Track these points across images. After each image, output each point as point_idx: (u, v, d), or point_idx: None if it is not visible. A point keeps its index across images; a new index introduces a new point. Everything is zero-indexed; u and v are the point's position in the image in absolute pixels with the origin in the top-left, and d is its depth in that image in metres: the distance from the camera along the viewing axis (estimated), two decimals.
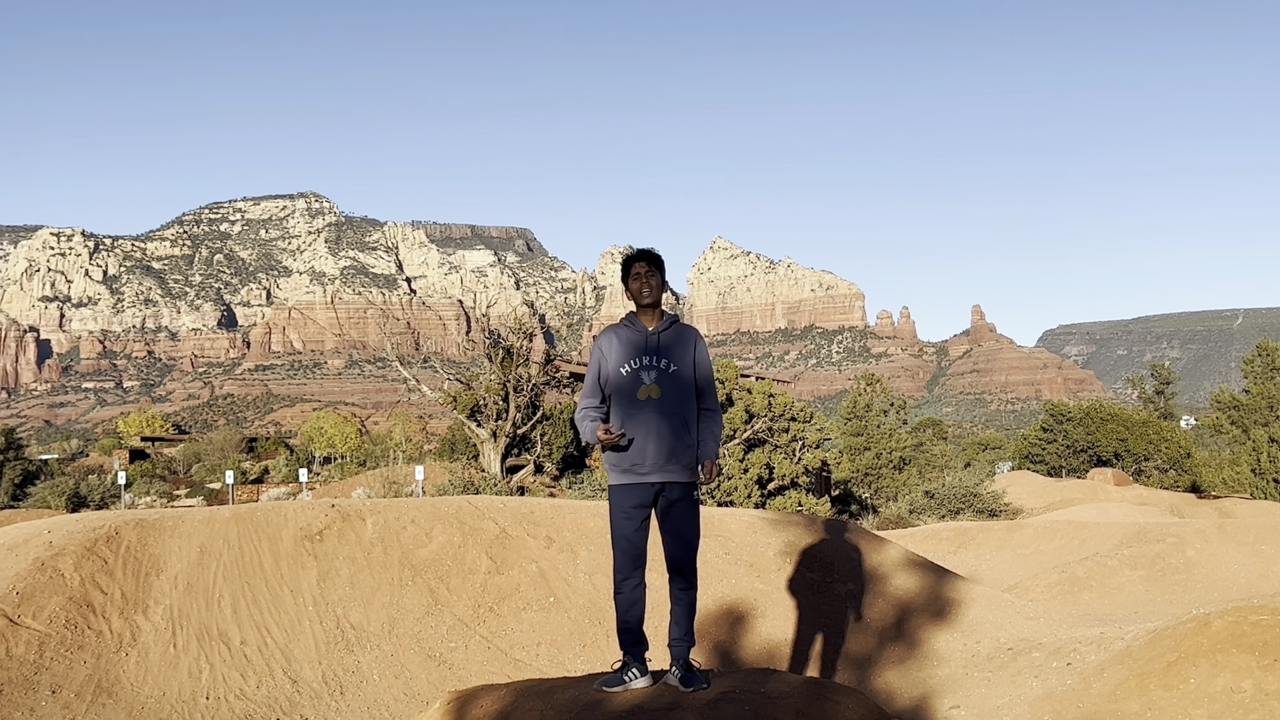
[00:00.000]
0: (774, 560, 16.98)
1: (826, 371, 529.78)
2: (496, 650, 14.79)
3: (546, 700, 8.11)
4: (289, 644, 14.39)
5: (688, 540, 8.42)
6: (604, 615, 15.27)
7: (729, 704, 7.62)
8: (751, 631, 15.27)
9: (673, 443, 8.29)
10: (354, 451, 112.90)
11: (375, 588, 15.75)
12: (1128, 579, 24.57)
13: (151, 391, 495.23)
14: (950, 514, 47.69)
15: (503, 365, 55.40)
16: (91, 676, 12.96)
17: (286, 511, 17.39)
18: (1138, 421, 79.15)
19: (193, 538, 16.16)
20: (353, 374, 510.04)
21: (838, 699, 7.78)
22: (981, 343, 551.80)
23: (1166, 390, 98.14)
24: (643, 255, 8.62)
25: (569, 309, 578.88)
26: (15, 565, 14.52)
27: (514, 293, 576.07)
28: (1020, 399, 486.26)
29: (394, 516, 17.38)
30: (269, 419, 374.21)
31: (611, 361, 8.46)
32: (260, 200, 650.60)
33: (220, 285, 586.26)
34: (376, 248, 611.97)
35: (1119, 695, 11.83)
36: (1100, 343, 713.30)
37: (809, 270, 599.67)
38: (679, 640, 8.39)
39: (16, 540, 15.33)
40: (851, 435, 65.98)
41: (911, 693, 13.86)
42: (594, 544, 16.95)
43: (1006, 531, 33.25)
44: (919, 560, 17.76)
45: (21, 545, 15.10)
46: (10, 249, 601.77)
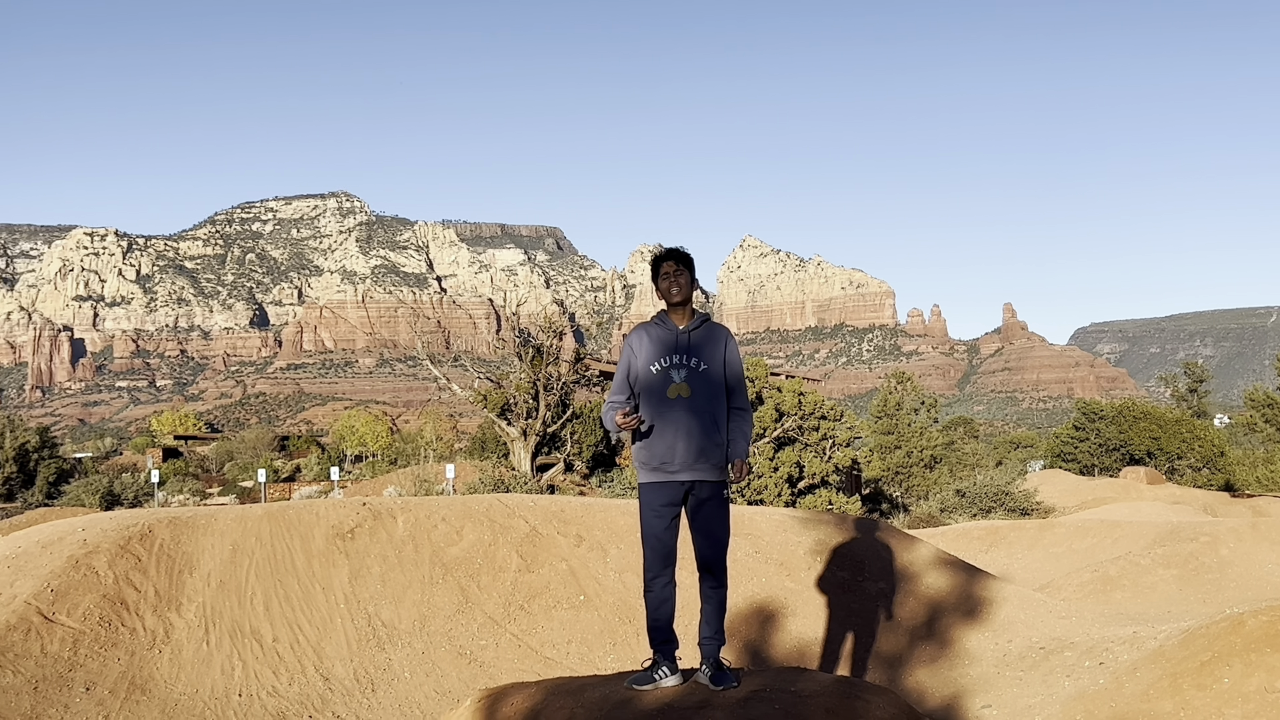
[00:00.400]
0: (804, 559, 16.96)
1: (857, 370, 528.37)
2: (527, 648, 14.82)
3: (577, 698, 8.12)
4: (321, 641, 14.45)
5: (718, 539, 8.42)
6: (634, 613, 15.28)
7: (759, 702, 7.61)
8: (782, 630, 15.25)
9: (702, 441, 8.28)
10: (385, 450, 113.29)
11: (406, 585, 15.80)
12: (1160, 578, 24.42)
13: (184, 390, 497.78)
14: (981, 513, 47.47)
15: (533, 364, 55.52)
16: (125, 674, 13.04)
17: (318, 509, 17.46)
18: (1171, 420, 78.59)
19: (225, 535, 16.24)
20: (384, 373, 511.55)
21: (869, 698, 7.76)
22: (1013, 341, 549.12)
23: (1200, 388, 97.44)
24: (672, 254, 8.63)
25: (598, 308, 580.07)
26: (50, 563, 14.62)
27: (544, 291, 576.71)
28: (1052, 397, 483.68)
29: (425, 515, 17.43)
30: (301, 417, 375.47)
31: (641, 360, 8.47)
32: (292, 200, 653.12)
33: (252, 284, 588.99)
34: (407, 247, 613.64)
35: (1152, 695, 11.77)
36: (1133, 341, 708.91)
37: (839, 268, 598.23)
38: (709, 639, 8.39)
39: (51, 538, 15.44)
40: (882, 434, 65.79)
41: (943, 692, 13.82)
42: (624, 542, 16.96)
43: (1038, 530, 33.09)
44: (950, 559, 17.70)
45: (56, 543, 15.21)
46: (44, 249, 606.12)
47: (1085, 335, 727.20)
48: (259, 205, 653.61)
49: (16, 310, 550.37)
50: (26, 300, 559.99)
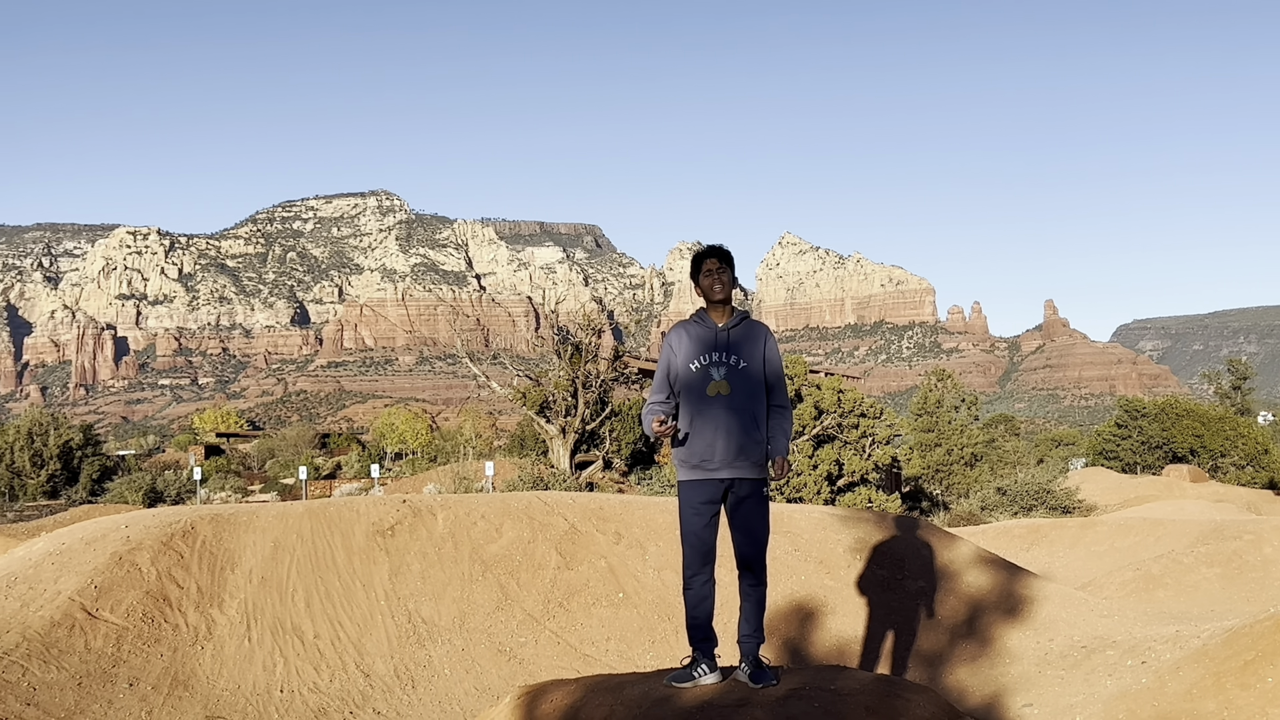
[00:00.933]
0: (844, 557, 16.91)
1: (896, 367, 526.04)
2: (566, 645, 14.85)
3: (616, 695, 8.13)
4: (361, 638, 14.52)
5: (757, 537, 8.41)
6: (673, 611, 15.28)
7: (799, 700, 7.59)
8: (821, 628, 15.22)
9: (742, 439, 8.28)
10: (425, 447, 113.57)
11: (446, 583, 15.85)
12: (1204, 576, 24.21)
13: (226, 388, 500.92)
14: (1022, 511, 47.22)
15: (571, 361, 55.59)
16: (168, 669, 13.14)
17: (359, 507, 17.55)
18: (1214, 417, 77.90)
19: (267, 532, 16.34)
20: (423, 370, 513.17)
21: (909, 696, 7.73)
22: (1054, 338, 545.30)
23: (1243, 385, 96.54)
24: (714, 252, 8.61)
25: (637, 305, 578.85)
26: (93, 559, 14.75)
27: (582, 289, 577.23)
28: (1094, 395, 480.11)
29: (464, 512, 17.49)
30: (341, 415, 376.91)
31: (681, 357, 8.47)
32: (332, 198, 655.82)
33: (293, 283, 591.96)
34: (446, 245, 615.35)
35: (1195, 694, 11.67)
36: (1175, 338, 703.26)
37: (879, 265, 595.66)
38: (748, 636, 8.38)
39: (95, 535, 15.58)
40: (922, 431, 65.56)
41: (983, 690, 13.76)
42: (662, 540, 16.96)
43: (1080, 529, 32.88)
44: (991, 557, 17.61)
45: (99, 540, 15.34)
46: (88, 248, 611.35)
47: (1127, 332, 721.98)
48: (299, 204, 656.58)
49: (60, 309, 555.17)
50: (70, 299, 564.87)
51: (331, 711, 12.87)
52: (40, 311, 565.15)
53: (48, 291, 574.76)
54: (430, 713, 13.16)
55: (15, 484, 70.91)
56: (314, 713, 12.81)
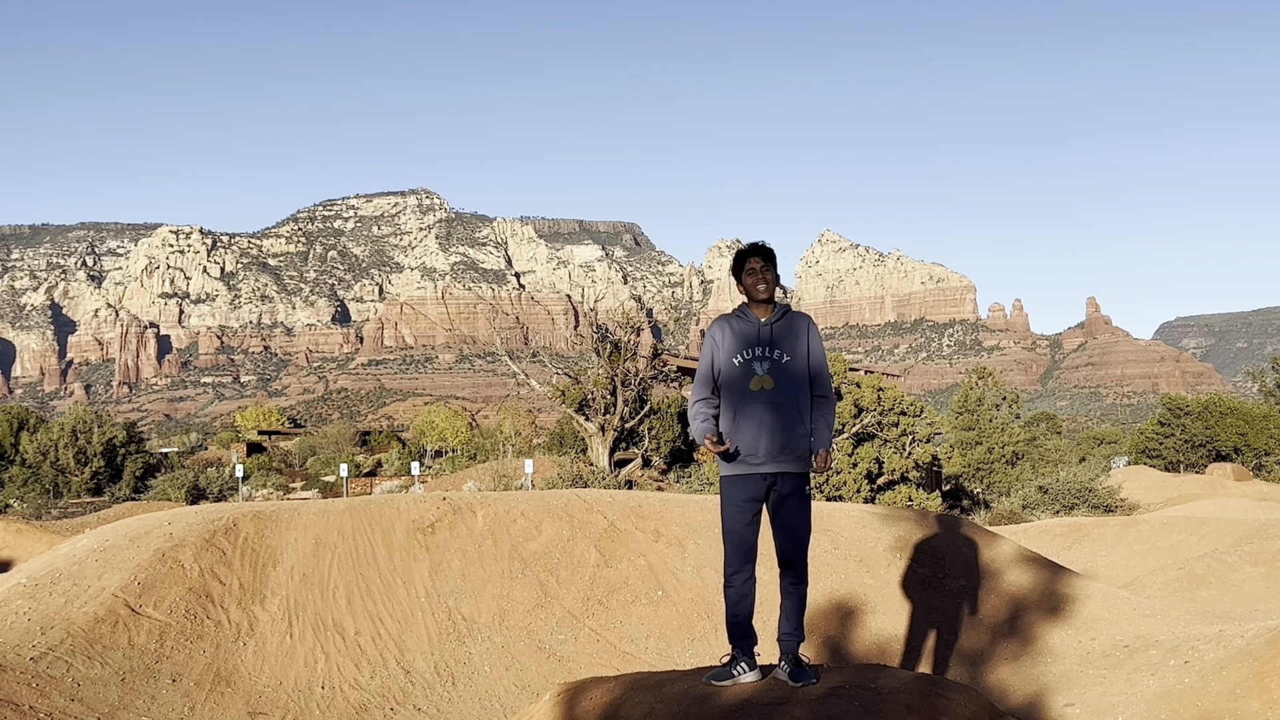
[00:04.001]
0: (884, 555, 16.86)
1: (937, 365, 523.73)
2: (605, 643, 14.86)
3: (656, 693, 8.13)
4: (402, 635, 14.58)
5: (799, 534, 8.39)
6: (712, 609, 15.27)
7: (839, 699, 7.57)
8: (861, 627, 15.18)
9: (786, 433, 8.25)
10: (464, 445, 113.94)
11: (486, 580, 15.90)
12: (1248, 576, 23.99)
13: (268, 386, 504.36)
14: (1064, 509, 46.91)
15: (610, 359, 55.64)
16: (210, 665, 13.23)
17: (399, 504, 17.62)
18: (1259, 415, 77.18)
19: (308, 530, 16.44)
20: (463, 368, 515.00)
21: (950, 695, 7.70)
22: (1096, 335, 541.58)
23: None
24: (757, 250, 8.57)
25: (676, 303, 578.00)
26: (137, 556, 14.87)
27: (621, 287, 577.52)
28: (1136, 393, 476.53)
29: (504, 510, 17.54)
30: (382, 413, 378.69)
31: (724, 353, 8.45)
32: (372, 197, 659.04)
33: (334, 281, 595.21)
34: (486, 243, 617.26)
35: (1239, 694, 11.57)
36: (1219, 335, 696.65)
37: (919, 263, 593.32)
38: (788, 635, 8.36)
39: (138, 532, 15.71)
40: (963, 429, 65.25)
41: (1025, 690, 13.69)
42: (702, 538, 16.95)
43: (1122, 527, 32.67)
44: (1032, 556, 17.51)
45: (143, 537, 15.47)
46: (131, 247, 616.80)
47: (1170, 329, 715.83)
48: (340, 203, 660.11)
49: (104, 307, 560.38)
50: (114, 297, 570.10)
51: (372, 708, 12.93)
52: (84, 310, 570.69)
53: (91, 290, 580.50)
54: (470, 710, 13.20)
55: (60, 481, 71.56)
56: (355, 709, 12.87)
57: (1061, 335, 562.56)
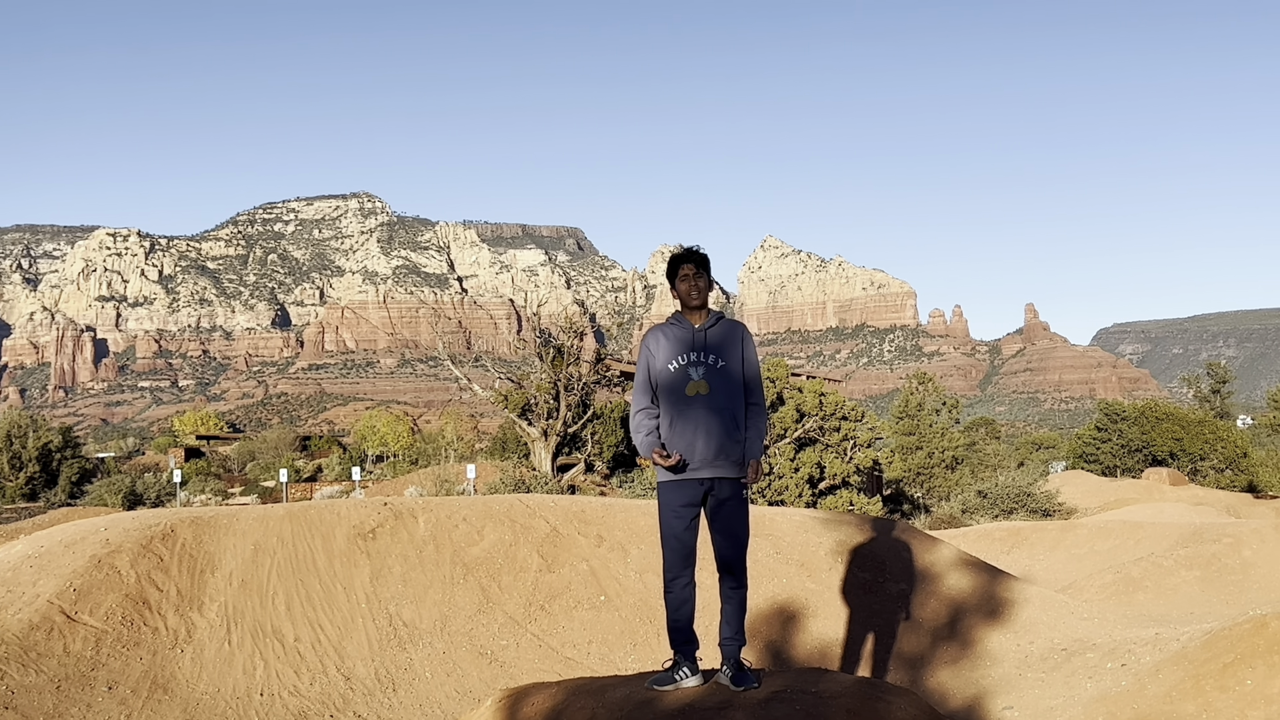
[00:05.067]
0: (825, 559, 16.94)
1: (878, 370, 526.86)
2: (548, 648, 14.83)
3: (598, 698, 8.12)
4: (342, 641, 14.49)
5: (738, 538, 8.39)
6: (654, 614, 15.28)
7: (780, 703, 7.59)
8: (803, 631, 15.24)
9: (722, 439, 8.26)
10: (406, 450, 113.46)
11: (427, 585, 15.83)
12: (1183, 579, 24.33)
13: (206, 390, 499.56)
14: (1003, 514, 47.36)
15: (553, 364, 55.54)
16: (147, 673, 13.09)
17: (340, 509, 17.51)
18: (1193, 421, 78.30)
19: (247, 535, 16.29)
20: (405, 373, 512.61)
21: (890, 699, 7.74)
22: (1035, 341, 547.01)
23: (1222, 389, 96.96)
24: (689, 256, 8.54)
25: (619, 308, 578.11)
26: (73, 562, 14.69)
27: (565, 292, 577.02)
28: (1074, 398, 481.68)
29: (446, 515, 17.47)
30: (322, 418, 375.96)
31: (660, 359, 8.43)
32: (313, 200, 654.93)
33: (274, 285, 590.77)
34: (428, 247, 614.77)
35: (1174, 696, 11.72)
36: (1155, 341, 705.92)
37: (860, 269, 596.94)
38: (730, 639, 8.36)
39: (74, 538, 15.51)
40: (903, 434, 65.70)
41: (965, 693, 13.79)
42: (644, 543, 16.96)
43: (1060, 531, 33.01)
44: (972, 560, 17.65)
45: (79, 543, 15.28)
46: (67, 249, 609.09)
47: (1107, 336, 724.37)
48: (281, 206, 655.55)
49: (40, 310, 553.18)
50: (50, 301, 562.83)
51: (312, 715, 12.83)
52: (19, 313, 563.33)
53: (27, 293, 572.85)
54: (411, 716, 13.13)
55: None
56: (294, 716, 12.77)
57: (1000, 341, 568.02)
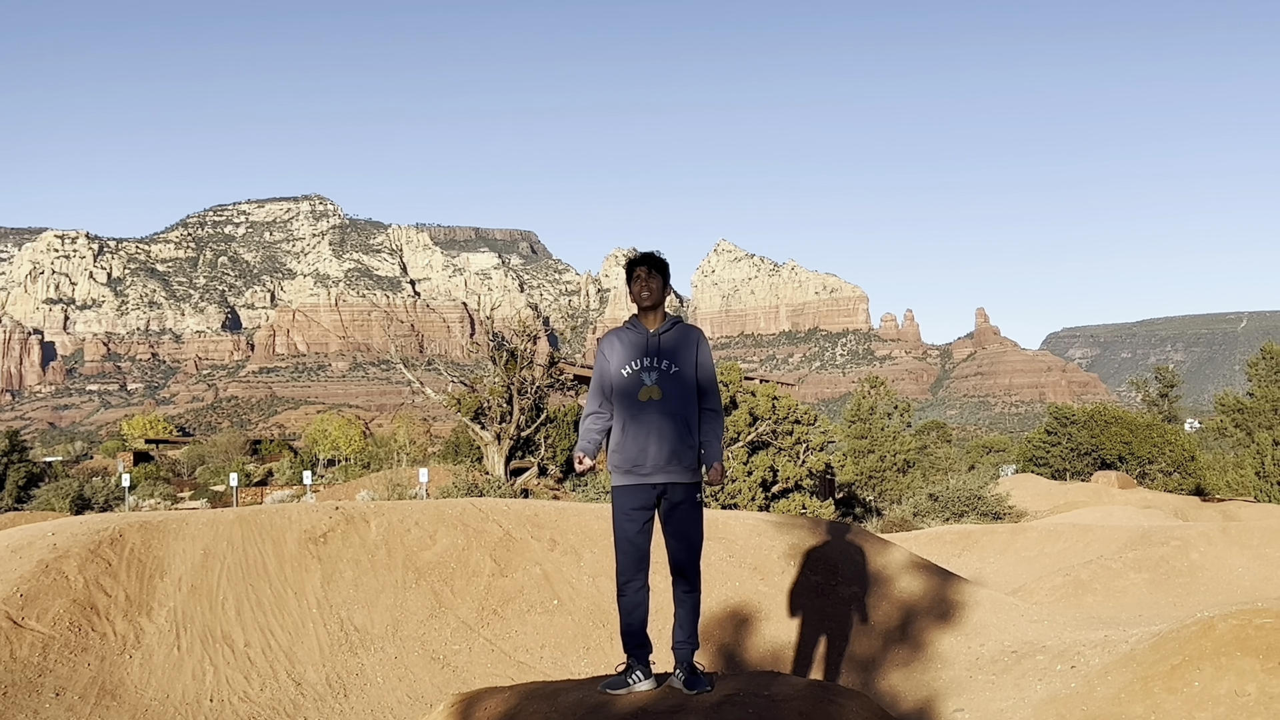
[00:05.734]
0: (778, 563, 16.98)
1: (830, 374, 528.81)
2: (500, 653, 14.79)
3: (551, 703, 8.10)
4: (293, 646, 14.39)
5: (691, 542, 8.41)
6: (608, 618, 15.27)
7: (733, 706, 7.60)
8: (755, 634, 15.27)
9: (675, 444, 8.27)
10: (358, 454, 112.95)
11: (379, 590, 15.75)
12: (1132, 582, 24.55)
13: (155, 394, 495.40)
14: (954, 517, 47.63)
15: (507, 368, 55.41)
16: (95, 679, 12.96)
17: (290, 514, 17.39)
18: (1142, 424, 79.01)
19: (197, 540, 16.16)
20: (357, 376, 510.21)
21: (842, 702, 7.77)
22: (985, 345, 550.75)
23: (1171, 393, 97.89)
24: (646, 259, 8.63)
25: (573, 311, 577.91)
26: (19, 567, 14.52)
27: (518, 295, 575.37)
28: (1024, 402, 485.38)
29: (398, 519, 17.38)
30: (273, 421, 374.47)
31: (614, 363, 8.46)
32: (264, 203, 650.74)
33: (224, 288, 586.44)
34: (380, 250, 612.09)
35: (1123, 698, 11.82)
36: (1104, 345, 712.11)
37: (813, 273, 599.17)
38: (683, 643, 8.37)
39: (21, 542, 15.34)
40: (855, 438, 65.95)
41: (916, 695, 13.86)
42: (598, 546, 16.94)
43: (1010, 534, 33.22)
44: (923, 563, 17.75)
45: (26, 547, 15.11)
46: (14, 251, 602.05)
47: (1057, 340, 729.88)
48: (231, 208, 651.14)
49: None
50: None
51: None
52: None
53: None
54: None
55: None
56: None
57: (951, 345, 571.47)
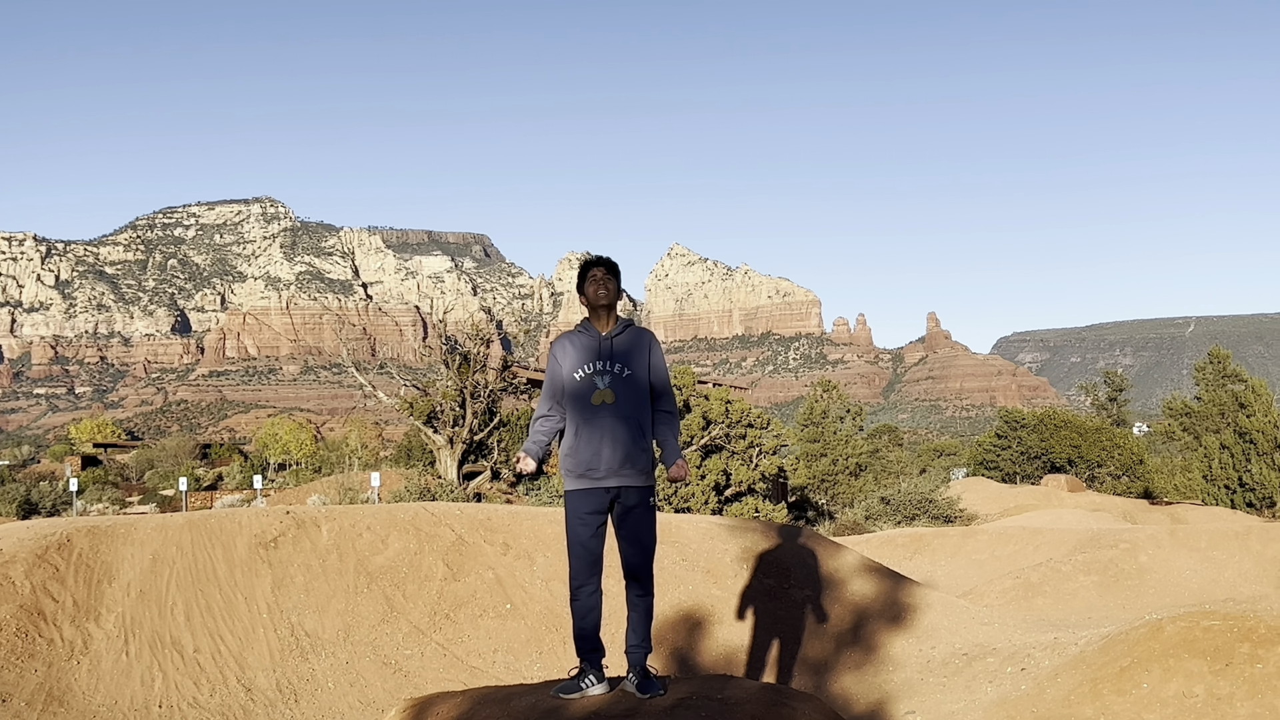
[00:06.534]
0: (731, 566, 17.00)
1: (783, 378, 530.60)
2: (453, 657, 14.74)
3: (503, 707, 8.08)
4: (243, 651, 14.28)
5: (644, 546, 8.41)
6: (561, 622, 15.25)
7: (686, 710, 7.60)
8: (709, 637, 15.28)
9: (629, 447, 8.27)
10: (309, 458, 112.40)
11: (330, 595, 15.66)
12: (1081, 584, 24.74)
13: (104, 397, 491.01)
14: (906, 520, 47.85)
15: (460, 371, 55.23)
16: (43, 685, 12.82)
17: (241, 518, 17.26)
18: (1091, 428, 79.68)
19: (146, 545, 16.01)
20: (308, 380, 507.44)
21: (795, 705, 7.79)
22: (937, 349, 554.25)
23: (1119, 397, 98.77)
24: (600, 261, 8.65)
25: (526, 315, 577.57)
26: None
27: (471, 299, 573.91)
28: (975, 405, 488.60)
29: (349, 523, 17.29)
30: (223, 425, 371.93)
31: (566, 367, 8.45)
32: (215, 205, 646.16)
33: (174, 290, 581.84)
34: (332, 253, 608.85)
35: (1073, 700, 11.91)
36: (1054, 350, 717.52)
37: (766, 277, 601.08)
38: (636, 646, 8.37)
39: None
40: (808, 442, 66.16)
41: (868, 698, 13.91)
42: (551, 550, 16.91)
43: (961, 537, 33.42)
44: (875, 566, 17.82)
45: None
46: None
47: (1007, 344, 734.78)
48: (181, 210, 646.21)
49: None
50: None
51: None
52: None
53: None
54: None
55: None
56: None
57: (903, 349, 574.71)
